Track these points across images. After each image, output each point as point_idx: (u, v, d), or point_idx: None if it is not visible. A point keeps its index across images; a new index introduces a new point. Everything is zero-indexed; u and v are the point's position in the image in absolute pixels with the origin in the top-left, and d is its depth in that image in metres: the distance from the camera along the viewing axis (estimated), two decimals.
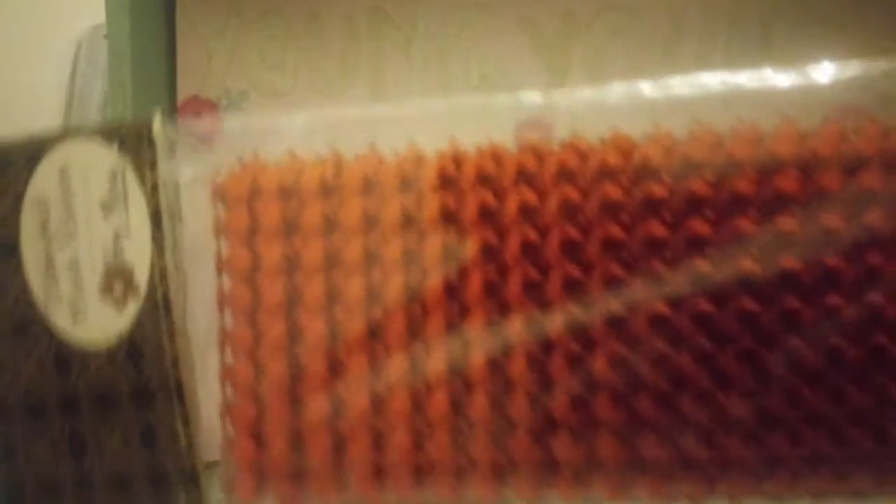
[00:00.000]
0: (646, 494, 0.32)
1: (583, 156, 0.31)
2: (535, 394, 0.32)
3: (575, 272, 0.31)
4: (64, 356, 0.35)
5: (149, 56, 0.41)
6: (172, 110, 0.44)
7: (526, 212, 0.31)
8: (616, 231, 0.31)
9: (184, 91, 0.44)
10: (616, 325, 0.31)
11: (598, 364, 0.31)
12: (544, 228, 0.31)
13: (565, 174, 0.31)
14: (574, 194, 0.31)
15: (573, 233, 0.31)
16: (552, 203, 0.31)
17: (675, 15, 0.41)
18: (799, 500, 0.32)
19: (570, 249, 0.31)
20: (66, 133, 0.35)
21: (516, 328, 0.32)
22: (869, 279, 0.30)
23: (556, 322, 0.31)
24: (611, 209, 0.31)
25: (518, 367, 0.32)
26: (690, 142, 0.32)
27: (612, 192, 0.31)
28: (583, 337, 0.31)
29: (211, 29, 0.43)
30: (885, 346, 0.30)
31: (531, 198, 0.31)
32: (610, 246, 0.31)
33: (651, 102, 0.32)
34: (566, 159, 0.31)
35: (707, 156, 0.31)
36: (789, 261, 0.30)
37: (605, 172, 0.31)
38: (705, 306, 0.30)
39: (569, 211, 0.31)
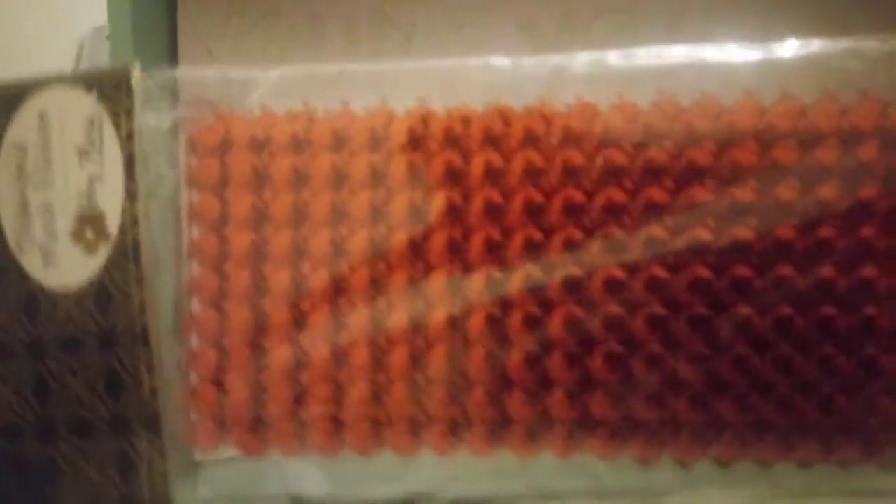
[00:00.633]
0: (596, 453, 0.33)
1: (548, 120, 0.31)
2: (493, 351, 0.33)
3: (535, 235, 0.32)
4: (34, 299, 0.35)
5: (150, 57, 0.41)
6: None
7: (491, 173, 0.32)
8: (578, 196, 0.31)
9: None
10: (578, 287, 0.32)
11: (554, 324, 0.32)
12: (509, 190, 0.32)
13: (531, 138, 0.32)
14: (538, 158, 0.32)
15: (536, 196, 0.32)
16: (517, 165, 0.32)
17: (675, 16, 0.41)
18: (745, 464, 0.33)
19: (533, 212, 0.32)
20: (47, 79, 0.35)
21: (478, 286, 0.32)
22: (862, 250, 0.31)
23: (515, 282, 0.32)
24: (573, 174, 0.32)
25: (477, 325, 0.32)
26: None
27: (575, 157, 0.31)
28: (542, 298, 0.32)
29: (212, 30, 0.43)
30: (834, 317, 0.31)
31: (496, 160, 0.32)
32: (571, 210, 0.32)
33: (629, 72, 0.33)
34: (531, 124, 0.32)
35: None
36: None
37: (569, 137, 0.31)
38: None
39: (533, 174, 0.32)
